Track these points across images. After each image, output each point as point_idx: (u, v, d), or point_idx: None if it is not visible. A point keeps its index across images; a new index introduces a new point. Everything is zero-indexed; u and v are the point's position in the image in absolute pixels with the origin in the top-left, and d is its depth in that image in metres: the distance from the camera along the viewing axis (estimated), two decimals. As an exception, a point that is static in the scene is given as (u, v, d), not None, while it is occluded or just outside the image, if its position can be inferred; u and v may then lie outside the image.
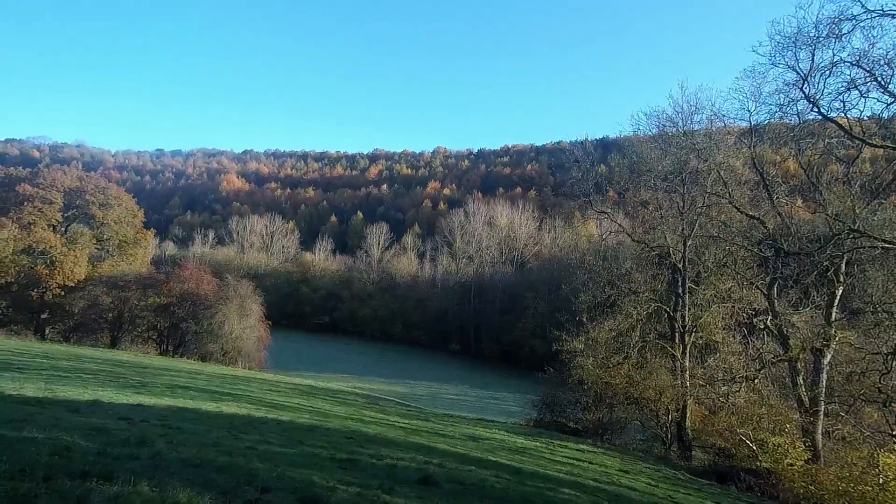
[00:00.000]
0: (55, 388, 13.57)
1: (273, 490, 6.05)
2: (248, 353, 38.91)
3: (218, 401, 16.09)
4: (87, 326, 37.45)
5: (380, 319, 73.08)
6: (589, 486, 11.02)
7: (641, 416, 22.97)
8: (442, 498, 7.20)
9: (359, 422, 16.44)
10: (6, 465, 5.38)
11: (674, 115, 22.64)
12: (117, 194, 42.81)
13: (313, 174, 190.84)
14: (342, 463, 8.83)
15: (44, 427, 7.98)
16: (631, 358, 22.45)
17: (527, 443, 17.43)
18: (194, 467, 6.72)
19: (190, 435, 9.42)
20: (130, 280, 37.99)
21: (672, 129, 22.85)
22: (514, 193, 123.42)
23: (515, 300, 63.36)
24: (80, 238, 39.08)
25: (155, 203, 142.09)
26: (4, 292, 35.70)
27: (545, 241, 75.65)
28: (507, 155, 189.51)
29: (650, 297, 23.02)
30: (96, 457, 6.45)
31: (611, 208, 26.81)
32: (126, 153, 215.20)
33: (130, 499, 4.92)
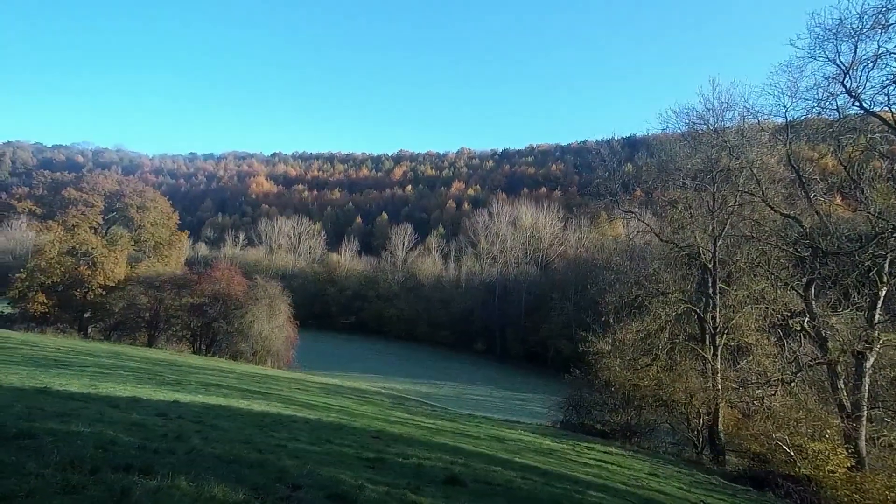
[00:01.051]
0: (98, 384, 14.15)
1: (303, 487, 6.18)
2: (276, 353, 39.66)
3: (249, 399, 16.48)
4: (126, 325, 38.82)
5: (405, 320, 73.49)
6: (618, 490, 10.87)
7: (671, 419, 22.49)
8: (469, 498, 7.23)
9: (385, 421, 16.59)
10: (57, 456, 5.68)
11: (704, 112, 22.09)
12: (153, 197, 44.19)
13: (339, 176, 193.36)
14: (370, 462, 8.94)
15: (88, 421, 8.36)
16: (660, 360, 22.01)
17: (553, 444, 17.29)
18: (228, 463, 6.92)
19: (223, 432, 9.69)
20: (166, 280, 39.17)
21: (702, 126, 22.31)
22: (539, 193, 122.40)
23: (540, 301, 62.86)
24: (120, 240, 40.53)
25: (188, 205, 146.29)
26: (51, 292, 37.25)
27: (570, 241, 74.80)
28: (531, 155, 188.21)
29: (679, 297, 22.53)
30: (137, 451, 6.73)
31: (638, 208, 26.33)
32: (162, 157, 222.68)
33: (170, 492, 5.12)
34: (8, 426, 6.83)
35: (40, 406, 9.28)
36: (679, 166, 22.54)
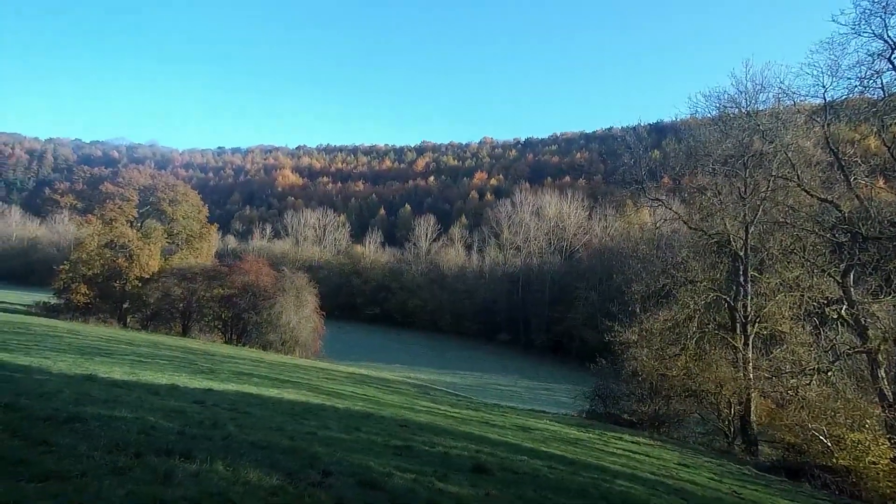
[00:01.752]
0: (138, 372, 14.73)
1: (334, 474, 6.32)
2: (304, 343, 40.43)
3: (279, 387, 16.90)
4: (162, 315, 40.11)
5: (429, 310, 73.89)
6: (646, 479, 10.80)
7: (701, 409, 22.14)
8: (495, 486, 7.30)
9: (411, 410, 16.80)
10: (105, 440, 5.98)
11: (736, 96, 21.36)
12: (185, 191, 45.27)
13: (363, 168, 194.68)
14: (397, 450, 9.09)
15: (131, 407, 8.73)
16: (688, 349, 21.64)
17: (580, 434, 17.25)
18: (261, 449, 7.14)
19: (256, 419, 9.98)
20: (197, 272, 40.23)
21: (734, 110, 21.60)
22: (563, 182, 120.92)
23: (565, 290, 62.34)
24: (153, 233, 41.76)
25: (217, 198, 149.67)
26: (93, 283, 38.76)
27: (595, 230, 73.73)
28: (555, 143, 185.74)
29: (708, 286, 22.05)
30: (177, 436, 7.00)
31: (665, 195, 25.77)
32: (191, 151, 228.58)
33: (209, 476, 5.33)
34: (60, 411, 7.20)
35: (87, 392, 9.74)
36: (708, 152, 21.93)
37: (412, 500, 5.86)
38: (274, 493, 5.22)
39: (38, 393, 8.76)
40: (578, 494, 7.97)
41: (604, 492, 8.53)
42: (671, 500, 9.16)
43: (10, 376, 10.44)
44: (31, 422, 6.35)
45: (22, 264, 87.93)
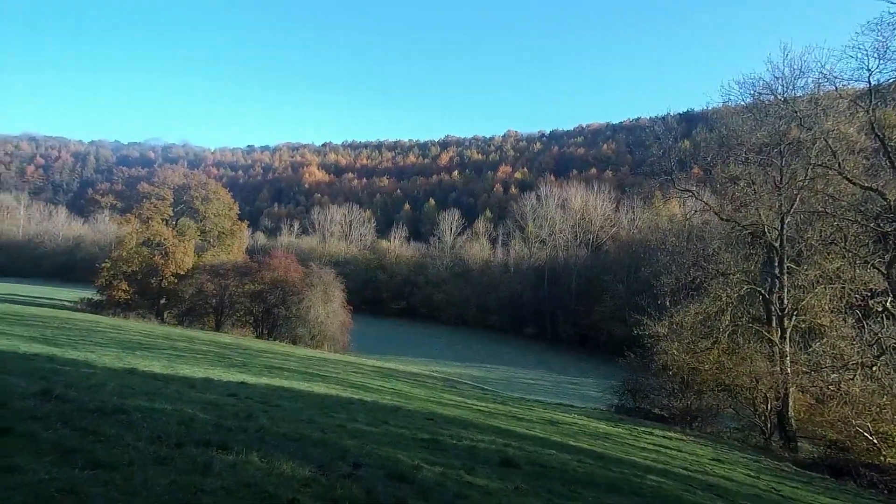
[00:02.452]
0: (175, 365, 15.27)
1: (364, 466, 6.44)
2: (332, 337, 41.08)
3: (309, 381, 17.27)
4: (196, 311, 41.35)
5: (454, 304, 74.05)
6: (679, 475, 10.65)
7: (735, 404, 21.61)
8: (523, 479, 7.32)
9: (437, 404, 16.92)
10: (147, 431, 6.26)
11: (772, 82, 20.61)
12: (216, 189, 46.36)
13: (387, 163, 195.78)
14: (425, 443, 9.19)
15: (170, 399, 9.09)
16: (721, 343, 21.13)
17: (609, 428, 17.09)
18: (294, 441, 7.33)
19: (287, 412, 10.24)
20: (229, 269, 41.25)
21: (769, 97, 20.86)
22: (589, 174, 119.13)
23: (592, 284, 61.59)
24: (187, 230, 42.98)
25: (247, 196, 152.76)
26: (132, 280, 40.26)
27: (623, 222, 72.47)
28: (581, 135, 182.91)
29: (742, 278, 21.45)
30: (213, 428, 7.26)
31: (696, 186, 25.15)
32: (222, 150, 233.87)
33: (245, 467, 5.51)
34: (106, 402, 7.55)
35: (129, 385, 10.17)
36: (742, 140, 21.28)
37: (441, 493, 5.93)
38: (307, 484, 5.36)
39: (86, 385, 9.20)
40: (609, 489, 7.92)
41: (635, 487, 8.45)
42: (705, 496, 9.01)
43: (60, 369, 10.99)
44: (80, 413, 6.69)
45: (68, 262, 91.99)
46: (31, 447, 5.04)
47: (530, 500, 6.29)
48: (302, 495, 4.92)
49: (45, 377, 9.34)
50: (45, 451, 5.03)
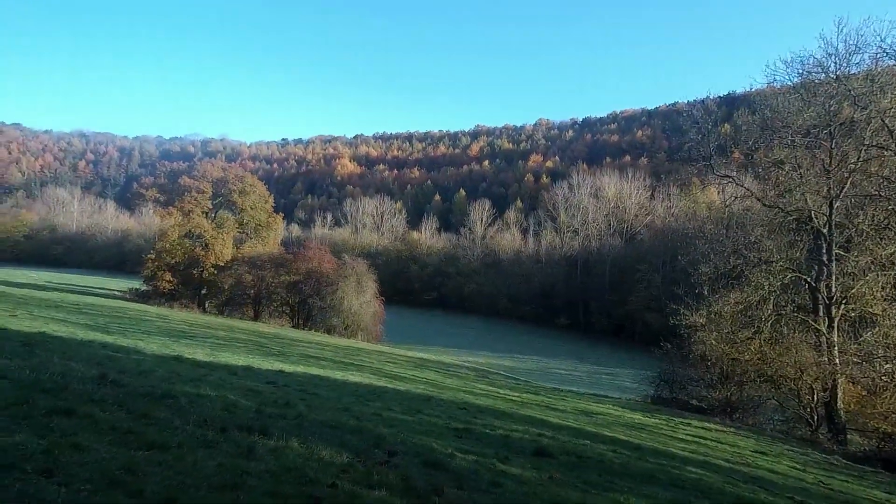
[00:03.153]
0: (217, 353, 15.88)
1: (399, 454, 6.58)
2: (366, 327, 41.75)
3: (344, 370, 17.65)
4: (235, 301, 42.71)
5: (485, 295, 73.99)
6: (720, 467, 10.41)
7: (778, 396, 20.92)
8: (558, 469, 7.31)
9: (470, 394, 17.02)
10: (194, 415, 6.57)
11: (823, 59, 19.49)
12: (252, 182, 47.47)
13: (418, 154, 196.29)
14: (458, 432, 9.28)
15: (214, 386, 9.47)
16: (763, 333, 20.43)
17: (645, 419, 16.85)
18: (331, 429, 7.54)
19: (324, 400, 10.51)
20: (266, 260, 42.35)
21: (820, 75, 19.77)
22: (623, 162, 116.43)
23: (626, 273, 60.44)
24: (226, 223, 44.30)
25: (281, 188, 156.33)
26: (175, 271, 41.85)
27: (658, 210, 70.56)
28: (614, 122, 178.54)
29: (786, 266, 20.61)
30: (255, 414, 7.54)
31: (736, 171, 24.20)
32: (257, 144, 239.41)
33: (286, 452, 5.72)
34: (155, 388, 7.96)
35: (176, 371, 10.65)
36: (787, 122, 20.30)
37: (476, 481, 6.00)
38: (345, 469, 5.53)
39: (137, 371, 9.70)
40: (646, 480, 7.83)
41: (673, 478, 8.32)
42: (749, 488, 8.78)
43: (113, 356, 11.60)
44: (133, 397, 7.07)
45: (117, 254, 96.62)
46: (92, 428, 5.38)
47: (565, 490, 6.28)
48: (341, 480, 5.08)
49: (101, 363, 9.89)
50: (105, 431, 5.36)
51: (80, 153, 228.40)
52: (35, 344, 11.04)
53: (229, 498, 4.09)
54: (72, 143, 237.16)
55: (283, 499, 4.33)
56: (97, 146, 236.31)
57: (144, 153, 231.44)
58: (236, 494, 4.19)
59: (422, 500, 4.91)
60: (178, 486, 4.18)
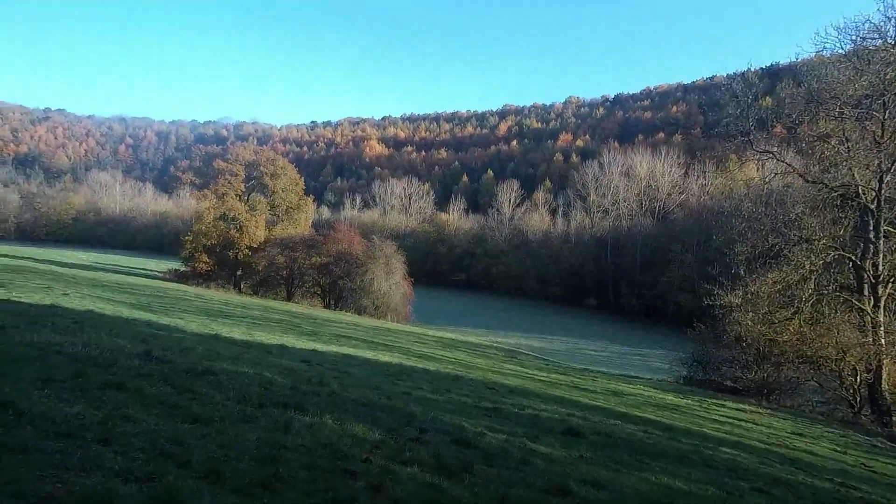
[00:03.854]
0: (253, 332, 16.42)
1: (430, 431, 6.70)
2: (395, 308, 42.28)
3: (374, 350, 17.99)
4: (269, 282, 43.87)
5: (513, 276, 73.72)
6: (755, 448, 10.25)
7: (818, 377, 20.39)
8: (588, 449, 7.34)
9: (498, 374, 17.15)
10: (233, 391, 6.84)
11: (882, 23, 18.20)
12: (283, 165, 48.22)
13: (445, 135, 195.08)
14: (487, 411, 9.38)
15: (250, 364, 9.82)
16: (803, 313, 19.77)
17: (677, 400, 16.66)
18: (363, 406, 7.73)
19: (356, 378, 10.76)
20: (297, 242, 43.17)
21: (876, 41, 18.53)
22: (656, 139, 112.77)
23: (658, 253, 59.17)
24: (258, 205, 45.35)
25: (311, 171, 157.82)
26: (211, 253, 43.28)
27: (692, 188, 68.35)
28: (648, 98, 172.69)
29: (829, 244, 19.76)
30: (290, 391, 7.79)
31: (777, 147, 23.10)
32: (287, 127, 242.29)
33: (320, 428, 5.92)
34: (196, 364, 8.31)
35: (215, 349, 11.08)
36: (836, 93, 19.18)
37: (505, 459, 6.09)
38: (377, 446, 5.68)
39: (179, 348, 10.14)
40: (678, 460, 7.78)
41: (706, 458, 8.25)
42: (786, 469, 8.64)
43: (156, 333, 12.15)
44: (176, 373, 7.41)
45: (156, 236, 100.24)
46: (140, 401, 5.68)
47: (596, 469, 6.31)
48: (374, 456, 5.23)
49: (145, 340, 10.38)
50: (152, 404, 5.66)
51: (121, 137, 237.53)
52: (85, 321, 11.66)
53: (269, 470, 4.27)
54: (112, 128, 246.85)
55: (320, 472, 4.49)
56: (136, 130, 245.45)
57: (180, 137, 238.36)
58: (276, 467, 4.37)
59: (453, 477, 5.01)
60: (222, 459, 4.38)
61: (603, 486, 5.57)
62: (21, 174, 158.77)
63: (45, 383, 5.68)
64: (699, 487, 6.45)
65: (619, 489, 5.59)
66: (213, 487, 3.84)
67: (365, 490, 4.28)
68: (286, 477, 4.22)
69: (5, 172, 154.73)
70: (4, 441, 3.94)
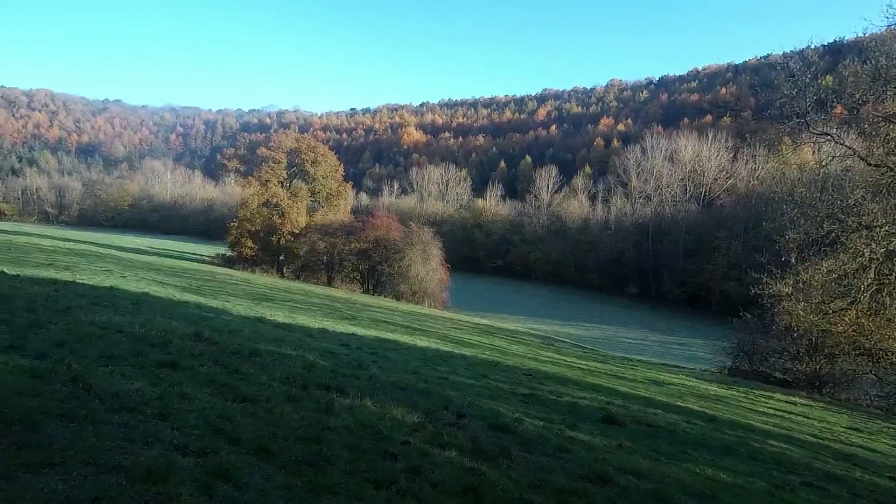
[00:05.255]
0: (295, 316, 16.95)
1: (466, 416, 6.78)
2: (432, 294, 42.59)
3: (412, 335, 18.24)
4: (310, 267, 45.01)
5: (551, 263, 72.84)
6: (807, 442, 9.87)
7: (877, 370, 19.36)
8: (628, 438, 7.25)
9: (535, 361, 17.08)
10: (278, 373, 7.13)
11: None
12: (324, 152, 49.02)
13: (483, 121, 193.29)
14: (524, 398, 9.39)
15: (293, 346, 10.17)
16: (861, 303, 18.68)
17: (721, 391, 16.21)
18: (401, 390, 7.89)
19: (394, 363, 10.98)
20: (337, 228, 44.07)
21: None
22: (703, 122, 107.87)
23: (702, 240, 57.11)
24: (300, 192, 46.42)
25: (350, 158, 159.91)
26: (256, 238, 44.79)
27: (741, 173, 65.16)
28: (695, 79, 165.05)
29: (892, 231, 18.52)
30: (331, 374, 8.03)
31: (836, 128, 21.69)
32: (328, 114, 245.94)
33: (361, 410, 6.09)
34: (244, 346, 8.68)
35: (260, 332, 11.52)
36: (908, 69, 17.80)
37: (543, 446, 6.10)
38: (416, 429, 5.80)
39: (227, 330, 10.59)
40: (722, 452, 7.60)
41: (753, 451, 8.01)
42: (841, 465, 8.28)
43: (206, 315, 12.73)
44: (225, 354, 7.77)
45: (204, 221, 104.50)
46: (193, 380, 6.01)
47: (636, 458, 6.24)
48: (413, 439, 5.35)
49: (196, 322, 10.90)
50: (204, 383, 5.97)
51: (171, 126, 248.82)
52: (141, 303, 12.34)
53: (314, 449, 4.44)
54: (164, 117, 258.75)
55: (361, 453, 4.63)
56: (185, 119, 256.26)
57: (226, 125, 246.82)
58: (319, 447, 4.54)
59: (490, 461, 5.07)
60: (270, 437, 4.59)
61: (643, 475, 5.51)
62: (83, 163, 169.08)
63: (109, 360, 6.08)
64: (745, 480, 6.29)
65: (661, 479, 5.52)
66: (262, 463, 4.03)
67: (404, 472, 4.39)
68: (329, 456, 4.38)
69: (69, 161, 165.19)
70: (78, 413, 4.27)
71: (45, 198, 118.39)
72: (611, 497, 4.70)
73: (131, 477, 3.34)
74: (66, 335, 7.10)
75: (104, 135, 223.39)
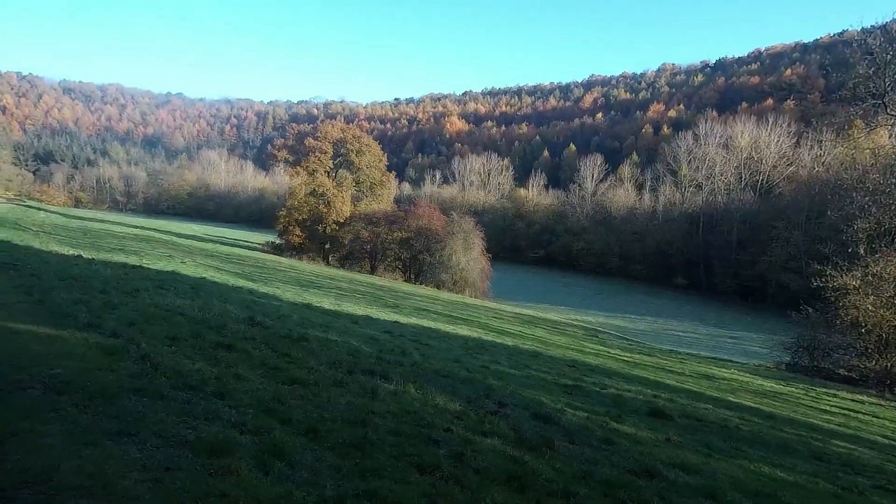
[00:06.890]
0: (340, 303, 17.40)
1: (508, 405, 6.76)
2: (473, 283, 42.63)
3: (453, 324, 18.35)
4: (354, 255, 46.01)
5: (595, 253, 71.22)
6: (876, 442, 9.30)
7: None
8: (676, 432, 7.05)
9: (579, 352, 16.83)
10: (325, 357, 7.35)
11: None
12: (368, 142, 49.81)
13: (526, 109, 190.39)
14: (567, 388, 9.28)
15: (339, 332, 10.45)
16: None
17: (778, 387, 15.47)
18: (443, 377, 7.96)
19: (436, 350, 11.08)
20: (380, 217, 44.78)
21: None
22: (763, 107, 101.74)
23: (758, 230, 54.31)
24: (345, 181, 47.36)
25: (394, 148, 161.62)
26: (303, 227, 46.19)
27: (804, 160, 61.11)
28: (756, 61, 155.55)
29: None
30: (375, 360, 8.20)
31: (917, 109, 19.95)
32: (372, 105, 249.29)
33: (404, 397, 6.19)
34: (292, 331, 9.01)
35: (307, 317, 11.91)
36: None
37: (587, 437, 6.01)
38: (458, 416, 5.85)
39: (277, 315, 11.01)
40: (780, 450, 7.26)
41: (815, 450, 7.61)
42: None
43: (257, 301, 13.29)
44: (275, 338, 8.08)
45: (256, 210, 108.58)
46: (247, 362, 6.29)
47: (685, 453, 6.05)
48: (455, 426, 5.39)
49: (249, 306, 11.39)
50: (257, 365, 6.24)
51: (226, 118, 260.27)
52: (199, 287, 13.00)
53: (360, 433, 4.56)
54: (220, 109, 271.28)
55: (405, 438, 4.71)
56: (239, 111, 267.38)
57: (276, 117, 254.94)
58: (365, 430, 4.65)
59: (533, 451, 5.04)
60: (318, 419, 4.75)
61: (693, 470, 5.34)
62: (147, 153, 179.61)
63: (172, 341, 6.47)
64: (807, 480, 5.98)
65: (712, 475, 5.34)
66: (312, 444, 4.18)
67: (448, 458, 4.43)
68: (375, 440, 4.48)
69: (136, 152, 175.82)
70: (147, 388, 4.60)
71: (116, 187, 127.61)
72: (659, 491, 4.58)
73: (196, 450, 3.57)
74: (136, 316, 7.62)
75: (166, 126, 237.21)
